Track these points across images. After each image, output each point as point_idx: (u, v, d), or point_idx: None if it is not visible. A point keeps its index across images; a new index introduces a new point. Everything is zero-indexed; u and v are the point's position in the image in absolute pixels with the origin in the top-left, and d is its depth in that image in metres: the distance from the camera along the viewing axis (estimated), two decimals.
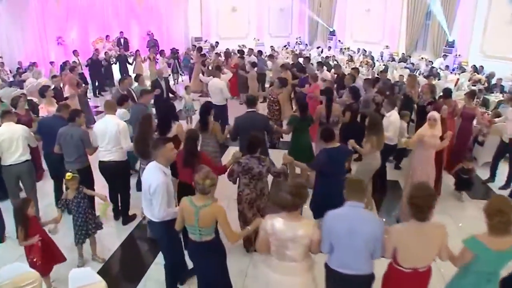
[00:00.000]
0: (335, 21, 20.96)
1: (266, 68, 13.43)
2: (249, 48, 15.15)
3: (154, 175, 3.84)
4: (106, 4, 16.85)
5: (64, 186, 5.36)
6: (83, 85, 10.00)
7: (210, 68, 12.62)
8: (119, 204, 6.01)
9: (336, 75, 10.66)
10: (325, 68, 10.95)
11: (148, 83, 13.75)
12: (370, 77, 10.93)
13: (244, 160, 4.63)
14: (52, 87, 8.65)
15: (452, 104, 7.57)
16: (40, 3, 14.77)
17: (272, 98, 8.98)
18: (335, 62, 15.08)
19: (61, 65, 12.00)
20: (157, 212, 3.86)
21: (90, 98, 11.53)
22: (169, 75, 13.55)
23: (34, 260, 4.17)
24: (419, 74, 13.35)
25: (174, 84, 13.90)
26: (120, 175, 5.79)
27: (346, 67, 14.48)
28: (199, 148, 5.32)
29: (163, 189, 3.78)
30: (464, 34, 14.96)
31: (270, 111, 8.94)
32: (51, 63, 14.02)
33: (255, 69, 12.27)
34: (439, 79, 12.62)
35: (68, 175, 4.69)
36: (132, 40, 17.52)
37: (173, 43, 17.48)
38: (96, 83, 14.11)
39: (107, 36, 16.14)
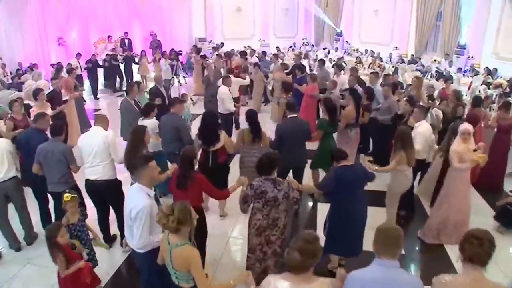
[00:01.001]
0: (342, 21, 20.48)
1: (268, 71, 12.87)
2: (251, 49, 14.71)
3: (136, 198, 3.41)
4: (107, 4, 16.48)
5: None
6: (80, 88, 9.66)
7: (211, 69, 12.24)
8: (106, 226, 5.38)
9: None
10: (342, 72, 10.45)
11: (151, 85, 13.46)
12: (381, 80, 10.46)
13: (257, 182, 4.00)
14: (51, 89, 8.46)
15: (482, 114, 7.07)
16: (40, 2, 14.44)
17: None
18: (343, 64, 14.66)
19: (56, 68, 11.38)
20: (137, 241, 3.40)
21: (86, 102, 11.07)
22: (172, 77, 13.13)
23: (87, 281, 3.87)
24: (430, 77, 12.89)
25: (179, 86, 13.44)
26: (111, 197, 5.02)
27: None
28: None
29: (145, 214, 3.32)
30: (476, 35, 14.47)
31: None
32: (52, 65, 13.58)
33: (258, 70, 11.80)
34: (451, 82, 12.14)
35: (67, 196, 4.19)
36: (135, 40, 17.12)
37: (177, 44, 17.03)
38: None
39: (109, 36, 15.75)
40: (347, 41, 20.13)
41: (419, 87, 8.36)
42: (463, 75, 13.62)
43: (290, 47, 20.15)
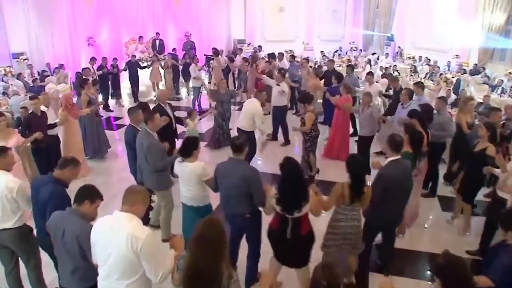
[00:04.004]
0: (394, 24, 18.67)
1: (297, 74, 11.53)
2: (279, 52, 13.36)
3: None
4: (141, 3, 15.58)
5: None
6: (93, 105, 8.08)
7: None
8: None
9: (393, 89, 8.77)
10: (376, 80, 9.12)
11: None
12: (445, 95, 8.89)
13: None
14: (30, 111, 6.81)
15: None
16: (71, 1, 13.73)
17: (301, 119, 7.23)
18: (396, 73, 13.02)
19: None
20: None
21: (103, 116, 9.74)
22: (201, 85, 11.91)
23: None
24: (502, 93, 11.03)
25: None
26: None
27: (409, 80, 12.36)
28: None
29: None
30: None
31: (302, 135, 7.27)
32: (77, 72, 12.51)
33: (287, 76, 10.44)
34: None
35: None
36: (168, 41, 16.12)
37: (214, 46, 15.81)
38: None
39: (140, 37, 14.81)
40: (399, 47, 18.30)
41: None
42: None
43: (336, 51, 18.60)
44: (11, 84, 11.51)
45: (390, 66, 13.85)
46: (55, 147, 7.17)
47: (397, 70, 13.69)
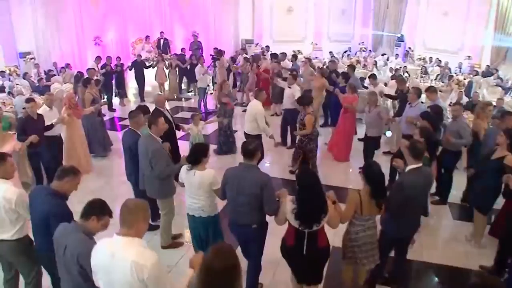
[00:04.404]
0: (404, 25, 18.37)
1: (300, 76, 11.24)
2: (282, 52, 13.19)
3: None
4: (148, 2, 15.44)
5: None
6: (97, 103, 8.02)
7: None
8: None
9: (400, 91, 8.50)
10: (379, 81, 8.95)
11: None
12: (456, 98, 8.66)
13: None
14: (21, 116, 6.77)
15: None
16: (78, 0, 13.69)
17: (300, 120, 7.00)
18: (406, 74, 12.77)
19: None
20: None
21: (105, 115, 9.54)
22: (208, 85, 11.76)
23: None
24: None
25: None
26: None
27: (420, 82, 12.10)
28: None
29: None
30: None
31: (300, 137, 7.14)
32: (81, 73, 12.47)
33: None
34: None
35: None
36: (176, 41, 15.98)
37: (221, 46, 15.68)
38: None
39: (147, 36, 14.68)
40: (409, 48, 18.00)
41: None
42: None
43: (345, 52, 18.35)
44: (17, 84, 11.47)
45: (400, 67, 13.56)
46: (56, 148, 7.02)
47: (407, 72, 13.42)
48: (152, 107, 6.55)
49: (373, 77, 9.58)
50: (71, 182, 3.47)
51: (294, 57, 12.71)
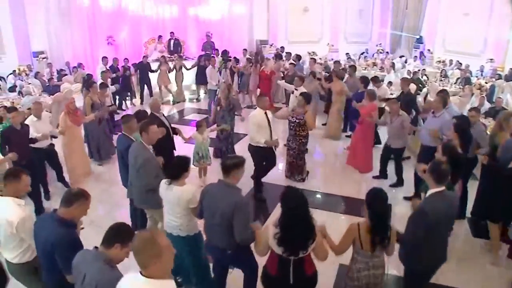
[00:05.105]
0: (424, 25, 17.83)
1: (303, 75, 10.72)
2: (287, 52, 13.03)
3: None
4: (162, 3, 15.28)
5: None
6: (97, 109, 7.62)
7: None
8: None
9: (401, 92, 8.29)
10: (395, 84, 8.67)
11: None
12: (477, 103, 8.26)
13: None
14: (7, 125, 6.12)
15: None
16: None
17: (296, 121, 6.76)
18: (424, 78, 12.34)
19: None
20: None
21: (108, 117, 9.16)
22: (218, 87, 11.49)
23: None
24: None
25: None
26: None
27: (440, 85, 11.65)
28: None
29: None
30: None
31: (296, 139, 6.91)
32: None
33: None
34: None
35: None
36: (189, 42, 15.79)
37: (235, 46, 15.45)
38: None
39: (159, 36, 14.52)
40: (428, 49, 17.46)
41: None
42: None
43: (362, 53, 17.91)
44: (29, 83, 11.45)
45: (418, 70, 13.08)
46: (51, 159, 6.74)
47: (425, 75, 12.95)
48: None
49: (375, 79, 9.25)
50: (81, 207, 3.10)
51: (297, 57, 12.36)
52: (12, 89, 11.40)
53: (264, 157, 6.48)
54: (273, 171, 6.92)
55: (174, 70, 12.74)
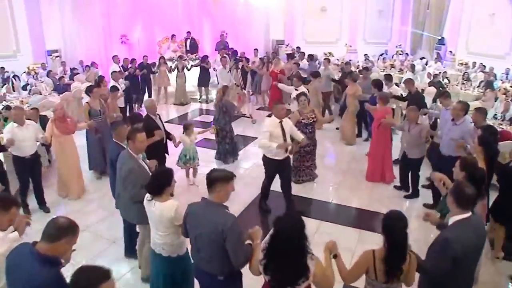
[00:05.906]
0: (446, 26, 17.22)
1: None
2: (301, 52, 12.79)
3: None
4: (176, 1, 15.13)
5: None
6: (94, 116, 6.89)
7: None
8: None
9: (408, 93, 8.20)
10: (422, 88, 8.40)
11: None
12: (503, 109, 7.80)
13: None
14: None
15: None
16: None
17: (303, 121, 6.58)
18: (445, 81, 11.85)
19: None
20: None
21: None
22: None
23: None
24: None
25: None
26: None
27: (461, 89, 11.15)
28: None
29: None
30: None
31: (311, 140, 6.76)
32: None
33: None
34: None
35: None
36: (203, 41, 15.61)
37: (251, 46, 15.16)
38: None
39: (172, 35, 14.35)
40: (450, 51, 16.84)
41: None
42: None
43: (381, 55, 17.41)
44: (42, 82, 11.45)
45: (439, 72, 12.56)
46: (33, 171, 5.97)
47: (447, 77, 12.43)
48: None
49: (388, 78, 8.94)
50: (68, 243, 2.50)
51: (310, 57, 12.05)
52: (25, 87, 11.42)
53: (277, 169, 5.99)
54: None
55: (176, 70, 12.36)
